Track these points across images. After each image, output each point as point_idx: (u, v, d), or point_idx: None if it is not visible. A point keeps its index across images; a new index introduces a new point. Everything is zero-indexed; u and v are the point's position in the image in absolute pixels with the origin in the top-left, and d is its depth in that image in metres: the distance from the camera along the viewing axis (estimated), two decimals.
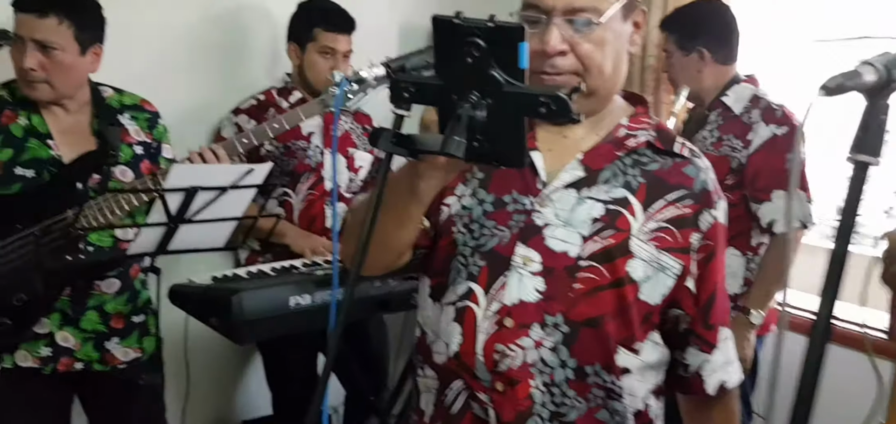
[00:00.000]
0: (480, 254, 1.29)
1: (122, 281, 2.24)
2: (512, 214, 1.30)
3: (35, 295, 2.05)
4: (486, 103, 1.02)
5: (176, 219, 1.88)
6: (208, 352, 2.87)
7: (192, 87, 2.85)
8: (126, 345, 2.26)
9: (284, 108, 2.77)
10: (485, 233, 1.30)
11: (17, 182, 2.08)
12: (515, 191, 1.31)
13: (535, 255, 1.27)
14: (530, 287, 1.26)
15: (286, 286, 2.10)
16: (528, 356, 1.26)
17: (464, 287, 1.29)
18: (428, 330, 1.37)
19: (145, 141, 2.27)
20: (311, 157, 2.78)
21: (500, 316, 1.26)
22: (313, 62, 2.75)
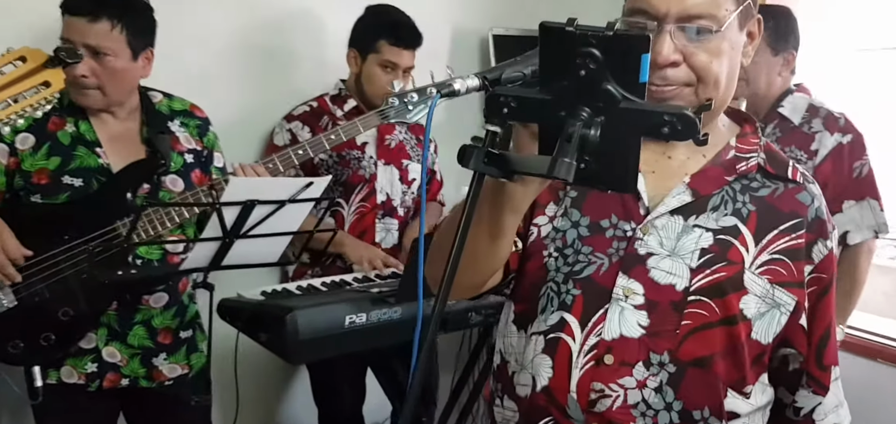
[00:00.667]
0: (575, 282, 1.19)
1: (170, 296, 2.16)
2: (611, 240, 1.20)
3: (82, 309, 1.98)
4: (599, 121, 0.91)
5: (231, 234, 1.79)
6: (253, 366, 2.78)
7: (239, 93, 2.77)
8: (173, 361, 2.18)
9: (338, 117, 2.68)
10: (580, 260, 1.20)
11: (64, 191, 2.01)
12: (615, 216, 1.21)
13: (637, 287, 1.17)
14: (633, 321, 1.16)
15: (341, 304, 2.00)
16: (630, 397, 1.15)
17: (556, 317, 1.20)
18: (510, 360, 1.27)
19: (196, 148, 2.19)
20: (364, 168, 2.69)
21: (598, 352, 1.16)
22: (373, 74, 2.63)
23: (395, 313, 2.05)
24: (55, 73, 1.38)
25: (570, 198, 1.24)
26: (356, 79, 2.68)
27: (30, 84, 1.37)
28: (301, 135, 2.63)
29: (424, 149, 1.09)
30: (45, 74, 1.37)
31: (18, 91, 1.36)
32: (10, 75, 1.36)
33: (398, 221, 2.76)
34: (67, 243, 1.98)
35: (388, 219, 2.74)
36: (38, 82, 1.37)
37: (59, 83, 1.37)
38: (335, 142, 2.19)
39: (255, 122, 2.80)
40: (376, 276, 2.43)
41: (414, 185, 2.81)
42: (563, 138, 0.90)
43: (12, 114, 1.36)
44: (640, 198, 1.20)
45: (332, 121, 2.66)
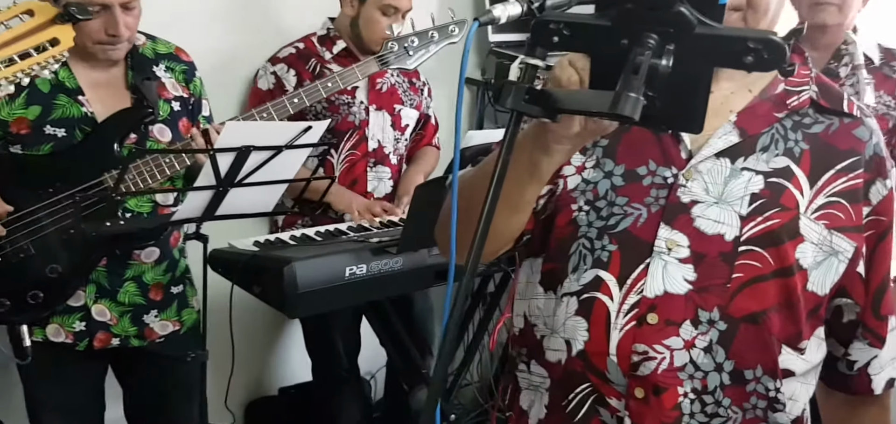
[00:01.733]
0: (611, 237, 1.10)
1: (162, 250, 2.07)
2: (649, 189, 1.10)
3: (70, 265, 1.89)
4: (670, 49, 0.81)
5: (225, 182, 1.70)
6: (245, 318, 2.70)
7: (216, 34, 2.63)
8: (164, 318, 2.11)
9: (327, 60, 2.57)
10: (615, 212, 1.11)
11: (46, 142, 1.91)
12: (653, 161, 1.11)
13: (682, 238, 1.08)
14: (678, 276, 1.07)
15: (340, 255, 1.93)
16: (677, 358, 1.07)
17: (590, 275, 1.11)
18: (538, 323, 1.19)
19: (183, 96, 2.09)
20: (355, 114, 2.58)
21: (639, 311, 1.08)
22: (372, 19, 2.51)
23: (396, 263, 1.99)
24: (64, 30, 1.29)
25: (600, 147, 1.15)
26: (351, 22, 2.56)
27: (37, 40, 1.28)
28: (287, 80, 2.53)
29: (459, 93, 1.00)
30: (54, 31, 1.29)
31: (25, 48, 1.28)
32: (16, 30, 1.27)
33: (390, 170, 2.67)
34: (52, 196, 1.88)
35: (379, 168, 2.65)
36: (46, 39, 1.28)
37: (68, 40, 1.29)
38: (332, 89, 2.11)
39: (235, 66, 2.67)
40: (372, 225, 2.36)
41: (407, 131, 2.72)
42: (628, 69, 0.80)
43: (18, 71, 1.27)
44: (681, 140, 1.11)
45: (319, 64, 2.56)
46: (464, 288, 0.98)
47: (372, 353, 2.87)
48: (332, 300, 1.94)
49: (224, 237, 2.14)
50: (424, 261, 2.04)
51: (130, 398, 2.20)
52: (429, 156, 2.83)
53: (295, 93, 2.09)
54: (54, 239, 1.88)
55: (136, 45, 2.06)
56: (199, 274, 2.18)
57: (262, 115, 2.04)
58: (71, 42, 1.34)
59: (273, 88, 2.55)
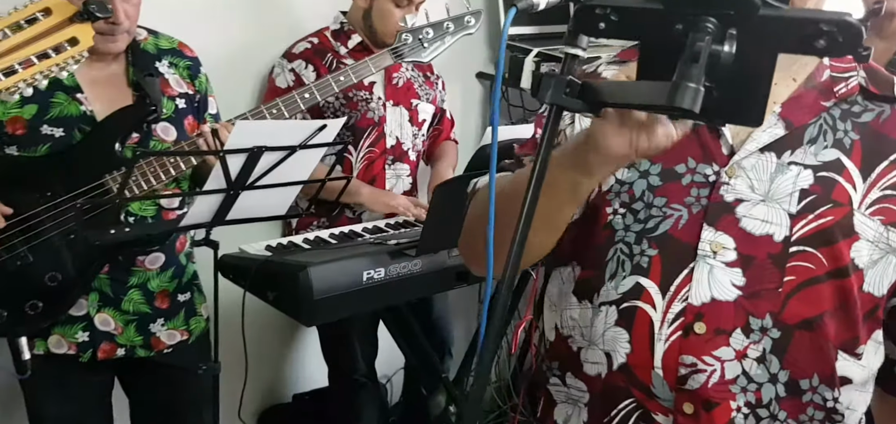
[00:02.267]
0: (650, 241, 1.02)
1: (167, 255, 1.96)
2: (689, 188, 1.02)
3: (70, 273, 1.78)
4: (732, 34, 0.73)
5: (236, 185, 1.59)
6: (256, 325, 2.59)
7: (226, 29, 2.51)
8: (172, 327, 2.00)
9: (342, 54, 2.46)
10: (654, 214, 1.02)
11: (44, 142, 1.80)
12: (692, 159, 1.02)
13: (727, 240, 0.99)
14: (725, 281, 0.99)
15: (358, 258, 1.82)
16: (728, 370, 0.99)
17: (629, 282, 1.02)
18: (573, 334, 1.10)
19: (187, 92, 1.98)
20: (373, 111, 2.47)
21: (685, 320, 0.99)
22: (385, 11, 2.39)
23: (415, 266, 1.88)
24: (84, 29, 1.20)
25: None
26: (364, 14, 2.45)
27: (55, 40, 1.19)
28: (306, 76, 2.42)
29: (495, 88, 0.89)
30: (73, 30, 1.20)
31: (43, 48, 1.19)
32: (33, 29, 1.18)
33: (409, 166, 2.57)
34: (51, 200, 1.78)
35: (398, 165, 2.55)
36: (65, 39, 1.19)
37: (87, 40, 1.20)
38: (345, 83, 2.00)
39: (244, 61, 2.55)
40: (387, 226, 2.25)
41: (424, 127, 2.61)
42: (687, 57, 0.71)
43: (36, 73, 1.18)
44: (722, 134, 1.02)
45: (335, 60, 2.45)
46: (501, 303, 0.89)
47: (388, 356, 2.77)
48: (349, 306, 1.83)
49: (233, 241, 2.04)
50: (444, 263, 1.94)
51: (138, 411, 2.10)
52: (450, 151, 2.74)
53: (306, 89, 1.98)
54: (53, 245, 1.78)
55: (138, 41, 1.95)
56: (206, 280, 2.09)
57: (271, 112, 1.93)
58: (90, 41, 1.25)
59: (292, 85, 2.44)
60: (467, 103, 3.15)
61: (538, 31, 2.99)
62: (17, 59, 1.22)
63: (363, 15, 2.45)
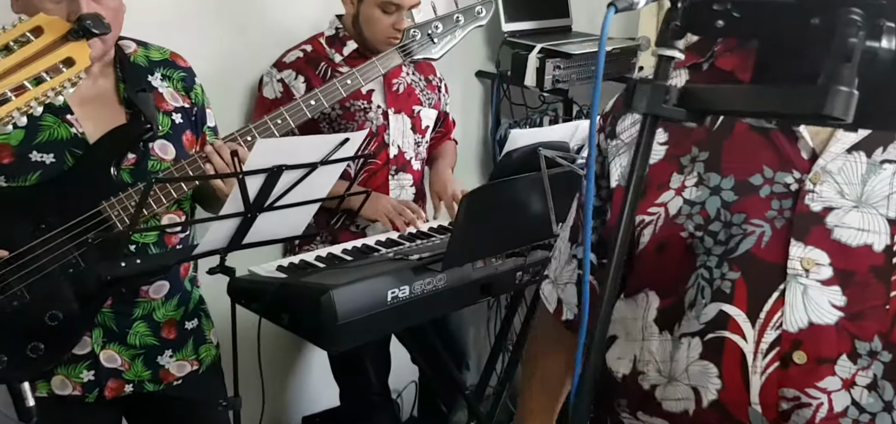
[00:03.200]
0: (731, 263, 0.92)
1: (171, 282, 1.84)
2: (769, 200, 0.93)
3: (72, 310, 1.65)
4: (888, 27, 0.63)
5: (255, 207, 1.47)
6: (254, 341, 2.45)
7: (215, 37, 2.38)
8: (181, 358, 1.87)
9: (337, 62, 2.33)
10: (733, 233, 0.93)
11: (34, 170, 1.66)
12: (768, 167, 0.93)
13: (820, 255, 0.90)
14: (823, 302, 0.90)
15: (381, 277, 1.71)
16: (836, 402, 0.89)
17: (711, 311, 0.93)
18: (647, 370, 1.00)
19: (183, 106, 1.85)
20: (371, 120, 2.35)
21: (782, 349, 0.90)
22: (371, 17, 2.27)
23: (440, 281, 1.77)
24: (79, 48, 1.09)
25: (700, 161, 0.97)
26: (353, 21, 2.33)
27: (49, 62, 1.07)
28: (295, 87, 2.29)
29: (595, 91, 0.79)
30: (67, 50, 1.08)
31: (36, 71, 1.06)
32: (25, 51, 1.05)
33: (413, 176, 2.45)
34: (45, 232, 1.64)
35: (401, 175, 2.43)
36: (59, 60, 1.07)
37: (84, 60, 1.09)
38: (352, 87, 1.88)
39: (233, 71, 2.42)
40: (402, 238, 2.14)
41: (427, 133, 2.49)
42: (837, 55, 0.62)
43: (31, 99, 1.05)
44: (799, 137, 0.92)
45: (330, 68, 2.32)
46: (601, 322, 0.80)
47: (399, 369, 2.67)
48: (374, 328, 1.72)
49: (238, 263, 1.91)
50: (469, 277, 1.83)
51: None
52: (449, 150, 2.62)
53: (311, 95, 1.85)
54: (51, 281, 1.64)
55: (127, 54, 1.82)
56: (212, 305, 1.97)
57: (275, 122, 1.81)
58: (87, 61, 1.13)
59: (280, 97, 2.31)
60: (467, 102, 3.05)
61: (537, 26, 2.90)
62: (9, 85, 1.09)
63: (352, 21, 2.33)
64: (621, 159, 1.04)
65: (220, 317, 2.00)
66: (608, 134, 1.07)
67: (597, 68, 0.73)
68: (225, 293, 1.87)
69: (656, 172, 0.99)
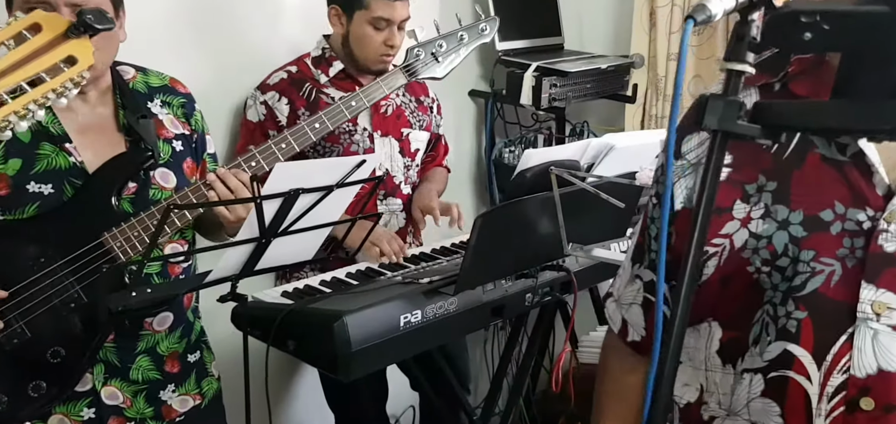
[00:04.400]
0: (797, 302, 0.90)
1: (175, 314, 1.78)
2: (840, 238, 0.89)
3: (74, 346, 1.59)
4: None
5: (269, 233, 1.43)
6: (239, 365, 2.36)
7: (199, 60, 2.31)
8: (184, 392, 1.82)
9: (322, 83, 2.28)
10: (801, 270, 0.90)
11: (32, 201, 1.61)
12: (839, 203, 0.90)
13: (893, 299, 0.87)
14: (893, 348, 0.87)
15: (392, 302, 1.67)
16: None
17: (776, 349, 0.91)
18: (709, 401, 0.99)
19: (184, 133, 1.81)
20: (357, 143, 2.30)
21: (849, 394, 0.88)
22: (363, 35, 2.21)
23: (451, 305, 1.74)
24: (82, 45, 1.01)
25: (767, 192, 0.94)
26: (343, 41, 2.27)
27: (49, 61, 1.00)
28: (278, 109, 2.24)
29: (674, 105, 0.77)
30: (69, 48, 1.01)
31: (35, 72, 0.99)
32: (22, 49, 0.99)
33: (402, 200, 2.40)
34: (45, 266, 1.59)
35: (390, 200, 2.38)
36: (60, 58, 1.00)
37: (87, 58, 1.01)
38: (357, 109, 1.85)
39: (217, 95, 2.34)
40: (405, 260, 2.11)
41: (418, 156, 2.44)
42: None
43: (30, 102, 0.98)
44: (875, 172, 0.89)
45: (315, 89, 2.27)
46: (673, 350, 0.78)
47: (396, 394, 2.62)
48: (387, 355, 1.68)
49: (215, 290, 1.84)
50: (480, 300, 1.80)
51: None
52: (439, 176, 2.56)
53: (316, 118, 1.82)
54: (53, 317, 1.58)
55: (126, 80, 1.77)
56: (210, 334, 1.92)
57: (280, 147, 1.77)
58: (91, 59, 1.06)
59: (263, 119, 2.26)
60: (460, 122, 3.03)
61: (530, 45, 2.90)
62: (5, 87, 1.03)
63: (342, 41, 2.27)
64: (686, 180, 1.01)
65: (216, 345, 1.95)
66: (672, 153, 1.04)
67: (677, 82, 0.70)
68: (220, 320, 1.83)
69: (719, 196, 0.94)
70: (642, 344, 1.12)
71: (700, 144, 1.01)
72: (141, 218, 1.63)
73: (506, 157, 2.91)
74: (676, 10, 2.83)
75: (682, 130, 1.04)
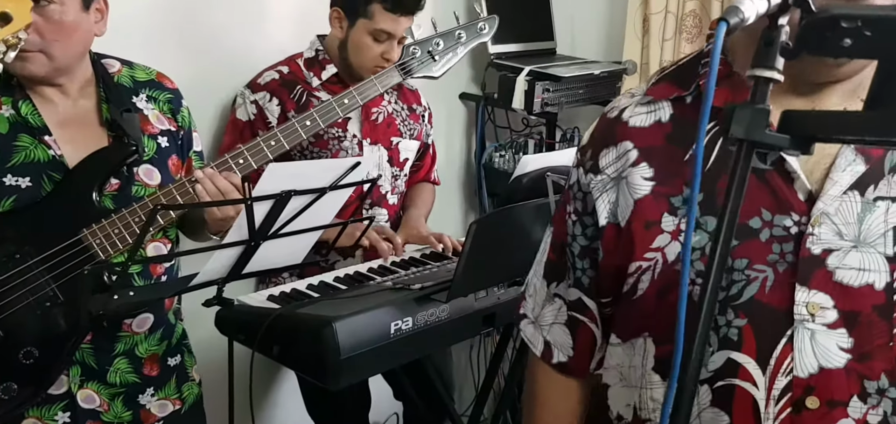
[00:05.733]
0: (736, 310, 0.91)
1: (155, 315, 1.72)
2: (769, 245, 0.91)
3: (49, 347, 1.52)
4: None
5: (259, 235, 1.38)
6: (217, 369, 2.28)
7: (186, 56, 2.24)
8: (163, 396, 1.76)
9: (314, 86, 2.22)
10: (736, 279, 0.91)
11: (8, 195, 1.54)
12: (765, 210, 0.91)
13: (824, 299, 0.89)
14: (830, 346, 0.89)
15: (383, 308, 1.62)
16: None
17: (719, 358, 0.92)
18: (654, 417, 0.98)
19: (169, 129, 1.75)
20: (346, 150, 2.23)
21: (794, 395, 0.89)
22: (362, 45, 2.14)
23: (443, 312, 1.69)
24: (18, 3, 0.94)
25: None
26: (340, 45, 2.20)
27: None
28: (269, 110, 2.18)
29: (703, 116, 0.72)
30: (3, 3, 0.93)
31: None
32: None
33: (388, 211, 2.33)
34: (21, 263, 1.52)
35: (376, 209, 2.31)
36: None
37: (24, 16, 0.94)
38: (349, 107, 1.80)
39: (205, 91, 2.28)
40: (394, 265, 2.05)
41: (406, 166, 2.38)
42: None
43: None
44: (796, 177, 0.90)
45: (306, 92, 2.21)
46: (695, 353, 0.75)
47: (379, 402, 2.56)
48: (377, 363, 1.62)
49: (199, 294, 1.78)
50: (472, 307, 1.75)
51: None
52: (425, 193, 2.48)
53: (306, 115, 1.76)
54: (27, 316, 1.52)
55: (111, 73, 1.71)
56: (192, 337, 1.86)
57: (269, 144, 1.72)
58: (28, 17, 1.00)
59: (253, 119, 2.19)
60: (451, 126, 2.98)
61: (522, 49, 2.86)
62: None
63: (339, 45, 2.20)
64: (609, 195, 1.00)
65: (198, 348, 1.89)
66: (589, 169, 1.04)
67: (707, 87, 0.66)
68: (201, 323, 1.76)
69: (647, 211, 0.96)
70: (571, 365, 1.11)
71: (618, 158, 1.01)
72: (122, 215, 1.58)
73: (496, 162, 2.87)
74: (670, 17, 2.81)
75: (596, 144, 1.04)
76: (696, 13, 2.80)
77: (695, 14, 2.80)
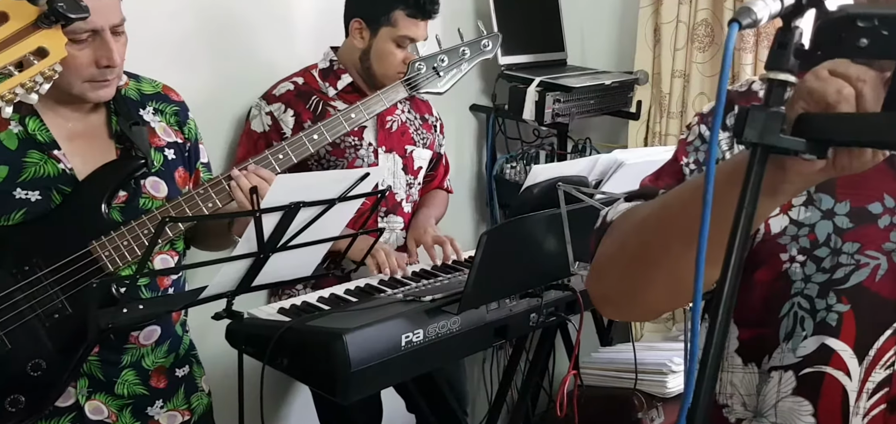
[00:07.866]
0: (839, 295, 0.87)
1: (162, 327, 1.71)
2: (887, 232, 0.87)
3: (57, 359, 1.52)
4: None
5: (268, 247, 1.37)
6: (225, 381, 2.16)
7: (200, 68, 2.25)
8: (172, 408, 1.75)
9: (330, 96, 2.22)
10: (843, 262, 0.87)
11: (18, 208, 1.54)
12: (889, 196, 0.88)
13: None
14: None
15: (393, 320, 1.60)
16: None
17: (812, 343, 0.88)
18: (731, 403, 0.94)
19: (176, 141, 1.75)
20: (362, 158, 2.24)
21: (890, 392, 0.85)
22: (386, 52, 2.15)
23: (454, 325, 1.67)
24: (53, 36, 0.95)
25: None
26: (361, 55, 2.21)
27: (17, 54, 0.93)
28: (284, 121, 2.18)
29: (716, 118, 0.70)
30: (38, 38, 0.94)
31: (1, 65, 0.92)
32: None
33: (403, 219, 2.33)
34: (30, 275, 1.52)
35: (391, 217, 2.30)
36: (29, 50, 0.93)
37: (59, 50, 0.94)
38: (357, 121, 1.79)
39: (220, 104, 2.29)
40: (404, 276, 2.04)
41: (420, 175, 2.38)
42: None
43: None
44: None
45: (322, 102, 2.21)
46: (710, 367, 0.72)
47: (391, 416, 2.53)
48: (388, 376, 1.61)
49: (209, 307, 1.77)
50: (483, 319, 1.73)
51: None
52: (438, 199, 2.48)
53: (314, 129, 1.76)
54: (35, 328, 1.51)
55: (119, 86, 1.71)
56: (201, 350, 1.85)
57: (277, 157, 1.71)
58: (63, 51, 1.00)
59: (268, 130, 2.20)
60: (462, 138, 2.97)
61: (533, 60, 2.85)
62: None
63: (360, 55, 2.21)
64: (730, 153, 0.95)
65: (208, 360, 1.88)
66: None
67: (720, 90, 0.64)
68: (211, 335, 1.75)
69: None
70: None
71: None
72: (131, 227, 1.57)
73: (507, 173, 2.85)
74: (681, 26, 2.79)
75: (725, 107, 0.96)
76: (707, 22, 2.78)
77: (706, 23, 2.78)
